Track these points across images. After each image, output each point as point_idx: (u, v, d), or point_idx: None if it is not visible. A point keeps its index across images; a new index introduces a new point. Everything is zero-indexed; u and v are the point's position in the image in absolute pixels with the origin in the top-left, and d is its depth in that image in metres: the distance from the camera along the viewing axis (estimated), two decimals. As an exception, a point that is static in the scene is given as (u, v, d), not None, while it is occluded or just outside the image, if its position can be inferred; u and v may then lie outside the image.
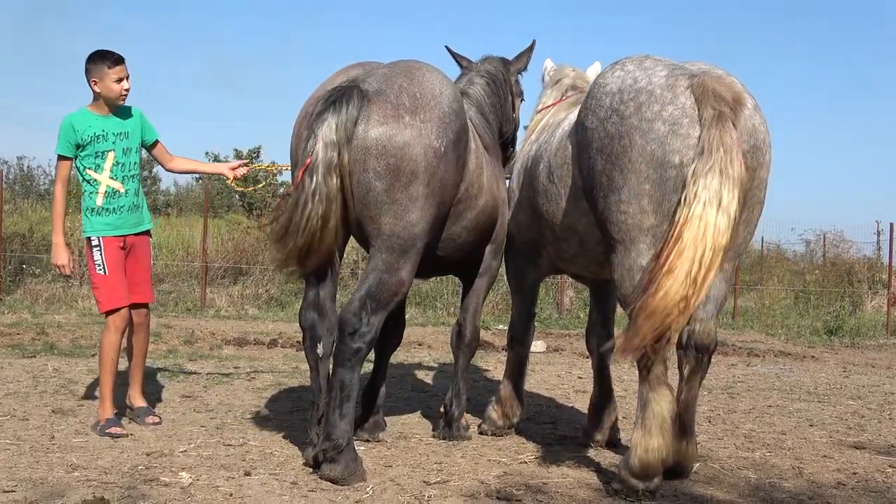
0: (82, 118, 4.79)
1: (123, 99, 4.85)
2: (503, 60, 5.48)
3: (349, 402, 3.93)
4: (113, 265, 4.80)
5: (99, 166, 4.79)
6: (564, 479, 4.18)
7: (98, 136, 4.78)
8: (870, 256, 19.89)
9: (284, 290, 13.82)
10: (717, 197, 3.50)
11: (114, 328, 4.80)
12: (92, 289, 4.88)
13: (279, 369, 7.62)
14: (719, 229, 3.50)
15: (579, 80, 5.44)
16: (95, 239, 4.78)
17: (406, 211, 3.91)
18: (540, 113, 5.36)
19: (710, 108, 3.62)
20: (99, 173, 4.79)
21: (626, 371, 8.22)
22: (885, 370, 9.85)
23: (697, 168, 3.56)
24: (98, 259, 4.77)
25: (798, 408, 6.75)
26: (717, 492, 4.07)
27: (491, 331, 11.70)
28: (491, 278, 5.14)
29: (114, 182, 4.82)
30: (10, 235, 13.64)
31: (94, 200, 4.78)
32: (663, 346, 3.65)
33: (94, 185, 4.79)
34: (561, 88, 5.42)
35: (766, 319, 15.17)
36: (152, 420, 5.02)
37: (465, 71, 5.45)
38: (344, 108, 3.84)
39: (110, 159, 4.80)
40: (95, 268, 4.78)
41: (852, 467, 4.71)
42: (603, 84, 3.95)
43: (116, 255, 4.83)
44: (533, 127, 5.32)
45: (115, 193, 4.83)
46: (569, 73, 5.51)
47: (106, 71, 4.74)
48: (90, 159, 4.78)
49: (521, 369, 5.24)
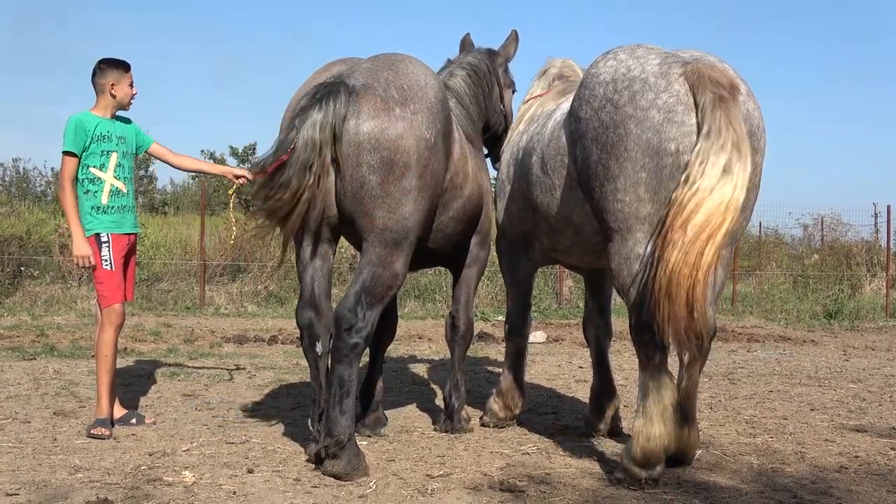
0: (89, 118, 4.90)
1: (131, 103, 5.06)
2: (488, 52, 5.46)
3: (349, 397, 3.93)
4: (118, 262, 4.89)
5: (104, 165, 4.88)
6: (567, 470, 4.19)
7: (104, 136, 4.89)
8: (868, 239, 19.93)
9: (283, 286, 13.83)
10: (730, 172, 3.53)
11: (109, 324, 4.86)
12: (96, 284, 4.91)
13: (280, 366, 7.62)
14: (735, 203, 3.53)
15: (566, 70, 5.44)
16: (105, 235, 4.85)
17: (399, 204, 3.90)
18: (527, 103, 5.36)
19: (710, 93, 3.63)
20: (104, 172, 4.87)
21: (626, 360, 8.23)
22: (884, 352, 9.87)
23: (704, 148, 3.57)
24: (106, 255, 4.84)
25: (799, 392, 6.76)
26: (720, 478, 4.08)
27: (490, 322, 11.72)
28: (480, 268, 5.14)
29: (117, 181, 4.91)
30: (8, 238, 13.62)
31: (100, 199, 4.84)
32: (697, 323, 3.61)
33: (99, 183, 4.86)
34: (548, 78, 5.42)
35: (765, 304, 15.20)
36: (150, 420, 5.10)
37: (448, 63, 5.43)
38: (331, 105, 3.82)
39: (114, 160, 4.91)
40: (102, 263, 4.84)
41: (854, 451, 4.72)
42: (596, 74, 3.94)
43: (121, 254, 4.92)
44: (520, 117, 5.31)
45: (118, 193, 4.92)
46: (556, 63, 5.51)
47: (123, 75, 4.98)
48: (96, 158, 4.86)
49: (521, 360, 5.24)
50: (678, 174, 3.66)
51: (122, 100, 5.01)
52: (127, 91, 5.01)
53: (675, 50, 4.01)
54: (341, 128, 3.84)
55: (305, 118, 3.83)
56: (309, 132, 3.81)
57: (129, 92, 5.02)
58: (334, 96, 3.85)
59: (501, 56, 5.51)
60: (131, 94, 5.05)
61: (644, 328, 3.76)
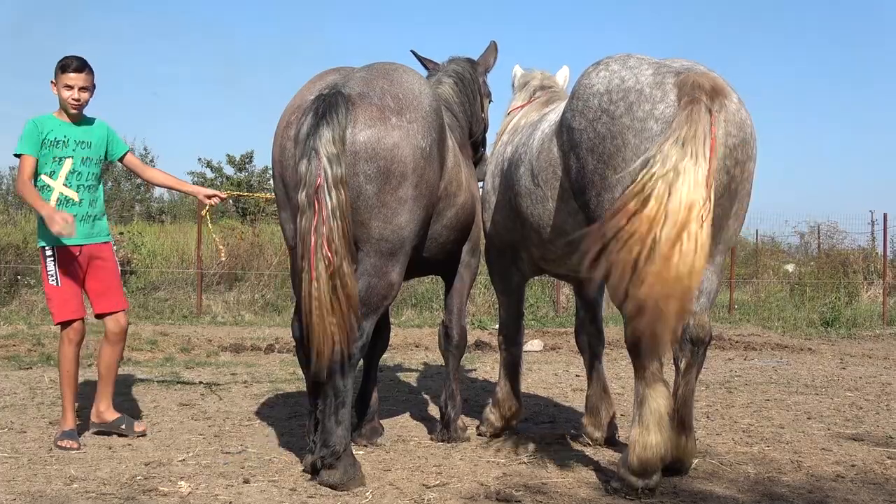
0: (46, 121, 4.72)
1: (73, 108, 4.72)
2: (469, 61, 5.50)
3: (344, 407, 3.92)
4: (66, 276, 4.67)
5: (54, 173, 4.67)
6: (564, 479, 4.18)
7: (58, 140, 4.69)
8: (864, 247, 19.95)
9: (280, 294, 13.81)
10: (675, 168, 3.47)
11: (67, 340, 4.70)
12: (46, 300, 4.77)
13: (276, 375, 7.61)
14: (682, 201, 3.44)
15: (547, 81, 5.52)
16: (49, 249, 4.65)
17: (395, 214, 3.90)
18: (510, 115, 5.40)
19: (686, 96, 3.64)
20: (53, 180, 4.67)
21: (623, 368, 8.23)
22: (881, 361, 9.87)
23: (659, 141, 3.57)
24: (51, 269, 4.64)
25: (796, 401, 6.76)
26: (717, 487, 4.08)
27: (487, 330, 11.71)
28: (471, 277, 5.15)
29: (67, 190, 4.70)
30: (4, 246, 13.61)
31: None
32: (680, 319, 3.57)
33: (48, 192, 4.66)
34: (529, 90, 5.47)
35: (762, 312, 15.20)
36: (140, 427, 4.94)
37: (432, 72, 5.45)
38: (335, 118, 3.79)
39: (67, 166, 4.70)
40: (48, 278, 4.65)
41: (851, 460, 4.72)
42: (589, 85, 3.95)
43: (70, 266, 4.70)
44: (503, 129, 5.36)
45: (67, 201, 4.69)
46: (536, 75, 5.58)
47: (60, 75, 4.69)
48: (47, 165, 4.66)
49: (516, 369, 5.24)
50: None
51: (61, 102, 4.71)
52: (63, 94, 4.67)
53: (666, 59, 4.03)
54: (345, 137, 3.83)
55: (319, 138, 3.75)
56: (329, 149, 3.74)
57: (64, 95, 4.67)
58: (335, 108, 3.83)
59: (482, 65, 5.56)
60: (68, 99, 4.67)
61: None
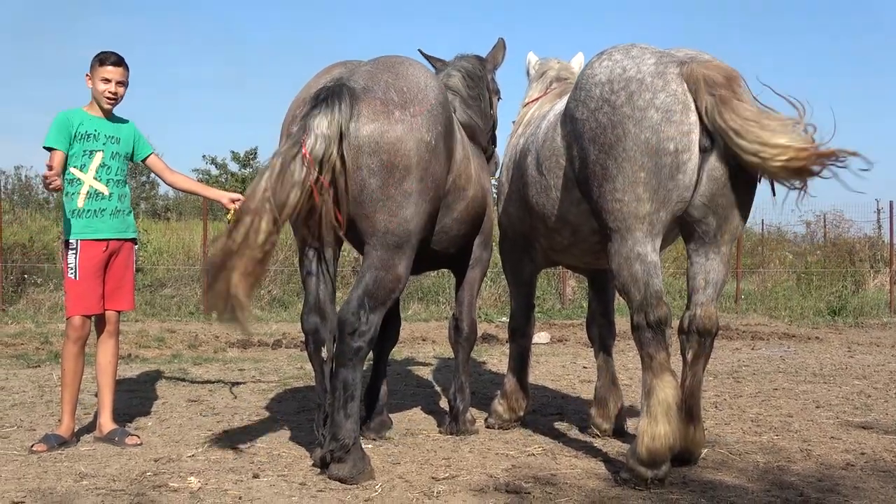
0: (77, 114, 4.70)
1: (108, 102, 4.72)
2: (478, 58, 5.47)
3: (353, 401, 3.93)
4: (86, 271, 4.60)
5: (85, 166, 4.64)
6: (573, 470, 4.18)
7: (89, 134, 4.66)
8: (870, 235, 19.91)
9: (287, 290, 13.84)
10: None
11: (70, 339, 4.62)
12: (64, 294, 4.71)
13: (284, 370, 7.62)
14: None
15: (563, 72, 5.46)
16: (74, 242, 4.59)
17: (400, 207, 3.89)
18: (526, 107, 5.38)
19: (709, 95, 3.63)
20: (84, 173, 4.64)
21: (631, 360, 8.22)
22: (889, 349, 9.86)
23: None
24: (71, 262, 4.59)
25: (804, 390, 6.75)
26: (726, 477, 4.07)
27: (494, 324, 11.72)
28: (482, 270, 5.13)
29: (97, 183, 4.67)
30: (11, 246, 13.65)
31: (76, 202, 4.60)
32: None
33: (77, 185, 4.63)
34: (546, 81, 5.43)
35: (768, 302, 15.18)
36: (132, 441, 4.65)
37: (440, 70, 5.43)
38: (336, 106, 3.79)
39: (97, 160, 4.67)
40: (68, 270, 4.61)
41: (860, 448, 4.71)
42: (591, 75, 3.94)
43: (93, 262, 4.63)
44: (519, 121, 5.33)
45: (98, 195, 4.65)
46: (553, 65, 5.52)
47: (97, 68, 4.67)
48: (77, 158, 4.63)
49: (525, 361, 5.24)
50: (677, 173, 3.68)
51: (94, 95, 4.70)
52: (98, 87, 4.66)
53: (669, 49, 4.01)
54: (346, 127, 3.82)
55: (313, 118, 3.77)
56: (321, 126, 3.73)
57: (100, 88, 4.66)
58: (338, 97, 3.82)
59: (490, 62, 5.53)
60: (105, 92, 4.67)
61: (645, 327, 3.78)
